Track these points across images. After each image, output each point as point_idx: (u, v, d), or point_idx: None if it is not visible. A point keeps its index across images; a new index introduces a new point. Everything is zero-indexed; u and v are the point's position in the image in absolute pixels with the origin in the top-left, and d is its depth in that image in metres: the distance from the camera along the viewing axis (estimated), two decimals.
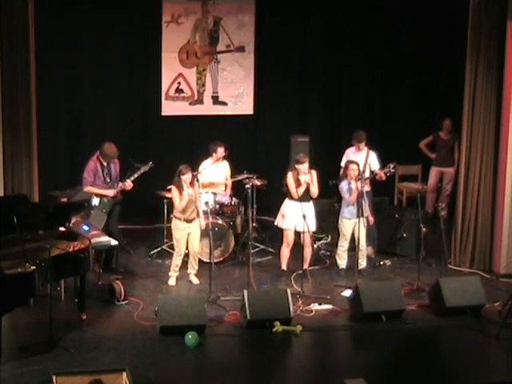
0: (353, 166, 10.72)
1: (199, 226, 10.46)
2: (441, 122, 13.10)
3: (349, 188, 10.68)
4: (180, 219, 10.31)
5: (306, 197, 10.53)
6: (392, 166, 11.10)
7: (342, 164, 11.52)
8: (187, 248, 10.44)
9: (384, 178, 11.28)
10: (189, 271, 10.54)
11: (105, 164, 10.82)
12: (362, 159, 11.34)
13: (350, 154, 11.53)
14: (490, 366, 8.85)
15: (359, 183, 10.59)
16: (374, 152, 11.46)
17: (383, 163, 11.38)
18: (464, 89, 10.98)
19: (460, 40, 11.35)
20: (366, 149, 11.43)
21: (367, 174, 11.27)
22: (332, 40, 13.63)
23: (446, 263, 10.96)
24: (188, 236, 10.38)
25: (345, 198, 10.75)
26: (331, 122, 13.90)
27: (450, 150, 13.09)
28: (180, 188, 10.23)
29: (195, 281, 10.53)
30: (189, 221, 10.36)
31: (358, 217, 10.57)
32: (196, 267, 10.54)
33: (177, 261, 10.43)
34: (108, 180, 10.83)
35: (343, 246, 10.88)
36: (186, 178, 10.23)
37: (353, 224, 10.73)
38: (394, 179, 13.13)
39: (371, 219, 10.93)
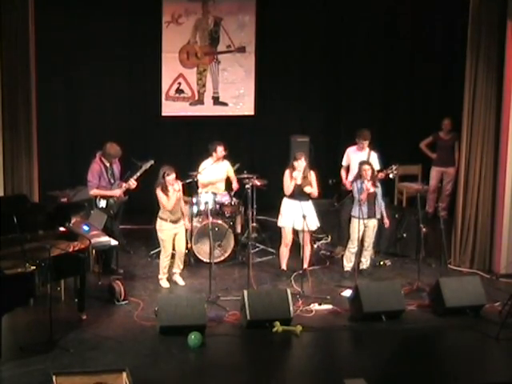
0: (365, 167, 10.66)
1: (184, 227, 10.51)
2: (441, 121, 13.09)
3: (360, 188, 10.64)
4: (166, 220, 10.33)
5: (304, 195, 10.53)
6: (394, 167, 11.08)
7: (344, 163, 11.48)
8: (173, 249, 10.47)
9: (383, 176, 11.25)
10: (174, 270, 10.55)
11: (108, 165, 10.81)
12: (363, 159, 11.31)
13: (351, 153, 11.47)
14: (490, 366, 8.87)
15: (370, 184, 10.57)
16: (376, 153, 11.42)
17: (383, 163, 11.37)
18: (464, 88, 10.98)
19: (460, 39, 11.35)
20: (367, 149, 11.40)
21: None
22: (332, 40, 13.63)
23: (446, 263, 10.95)
24: (174, 237, 10.40)
25: (356, 198, 10.72)
26: (331, 122, 13.90)
27: (450, 150, 13.08)
28: (165, 189, 10.24)
29: (181, 282, 10.55)
30: (174, 221, 10.37)
31: (370, 217, 10.60)
32: (181, 267, 10.57)
33: (164, 262, 10.44)
34: (112, 181, 10.83)
35: (353, 247, 10.77)
36: (171, 178, 10.25)
37: (362, 225, 10.64)
38: (394, 179, 13.11)
39: (386, 221, 10.82)
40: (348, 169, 11.42)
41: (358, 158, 11.28)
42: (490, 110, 10.90)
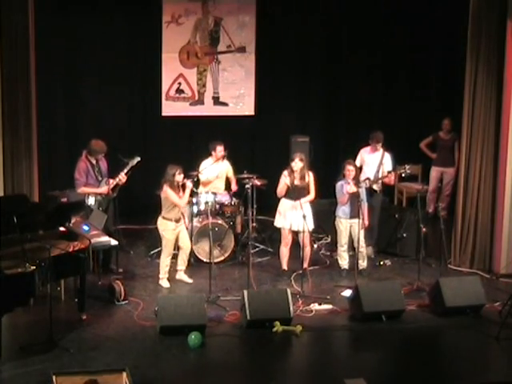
0: (349, 167, 10.69)
1: (185, 224, 10.63)
2: (441, 121, 13.10)
3: (342, 189, 10.67)
4: (171, 220, 10.35)
5: (302, 195, 10.51)
6: (408, 167, 11.13)
7: (357, 164, 11.45)
8: (175, 248, 10.52)
9: (393, 182, 11.32)
10: (179, 267, 10.55)
11: (94, 162, 10.85)
12: (376, 160, 11.36)
13: (365, 154, 11.50)
14: (490, 365, 8.87)
15: (353, 186, 10.56)
16: (389, 153, 11.43)
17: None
18: (464, 88, 10.98)
19: (460, 40, 11.35)
20: (381, 150, 11.42)
21: (380, 175, 11.27)
22: (332, 40, 13.63)
23: (445, 263, 10.97)
24: (178, 235, 10.43)
25: (338, 198, 10.76)
26: (331, 122, 13.91)
27: (450, 150, 13.09)
28: (174, 188, 10.26)
29: (187, 279, 10.57)
30: (178, 220, 10.42)
31: (353, 217, 10.58)
32: (186, 263, 10.59)
33: (166, 261, 10.44)
34: (100, 178, 10.86)
35: (342, 245, 10.88)
36: (182, 177, 10.31)
37: (348, 223, 10.72)
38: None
39: (365, 223, 10.78)
40: (361, 169, 11.41)
41: (372, 159, 11.36)
42: (489, 110, 10.89)
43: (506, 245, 11.02)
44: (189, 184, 10.39)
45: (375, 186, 11.28)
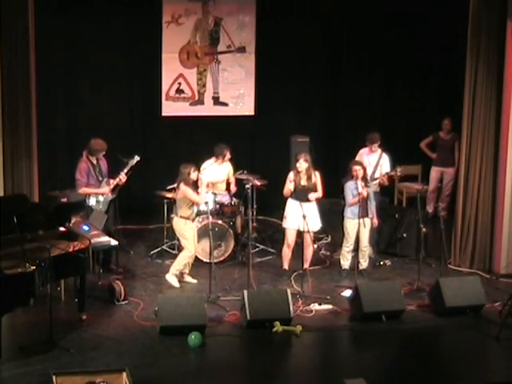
0: (356, 167, 10.68)
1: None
2: (441, 121, 13.10)
3: (353, 190, 10.65)
4: (189, 219, 10.35)
5: (306, 196, 10.52)
6: (399, 169, 11.16)
7: None
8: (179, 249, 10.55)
9: (387, 183, 11.34)
10: (184, 270, 10.53)
11: (94, 162, 10.85)
12: (374, 160, 11.38)
13: (364, 154, 11.53)
14: (490, 366, 8.87)
15: (362, 185, 10.56)
16: (388, 154, 11.44)
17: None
18: (464, 88, 10.99)
19: (460, 40, 11.36)
20: (379, 150, 11.45)
21: (377, 175, 11.28)
22: (332, 41, 13.64)
23: (445, 263, 10.96)
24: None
25: (347, 199, 10.75)
26: (331, 122, 13.91)
27: (450, 150, 13.09)
28: (190, 186, 10.27)
29: (193, 280, 10.55)
30: (193, 219, 10.45)
31: (361, 217, 10.57)
32: (190, 266, 10.57)
33: (185, 261, 10.37)
34: (100, 178, 10.86)
35: (347, 246, 10.85)
36: (196, 175, 10.31)
37: (356, 224, 10.70)
38: (394, 179, 13.12)
39: (375, 221, 10.90)
40: None
41: (370, 159, 11.39)
42: (490, 110, 10.89)
43: (506, 245, 11.02)
44: (204, 180, 10.38)
45: (373, 187, 11.26)
